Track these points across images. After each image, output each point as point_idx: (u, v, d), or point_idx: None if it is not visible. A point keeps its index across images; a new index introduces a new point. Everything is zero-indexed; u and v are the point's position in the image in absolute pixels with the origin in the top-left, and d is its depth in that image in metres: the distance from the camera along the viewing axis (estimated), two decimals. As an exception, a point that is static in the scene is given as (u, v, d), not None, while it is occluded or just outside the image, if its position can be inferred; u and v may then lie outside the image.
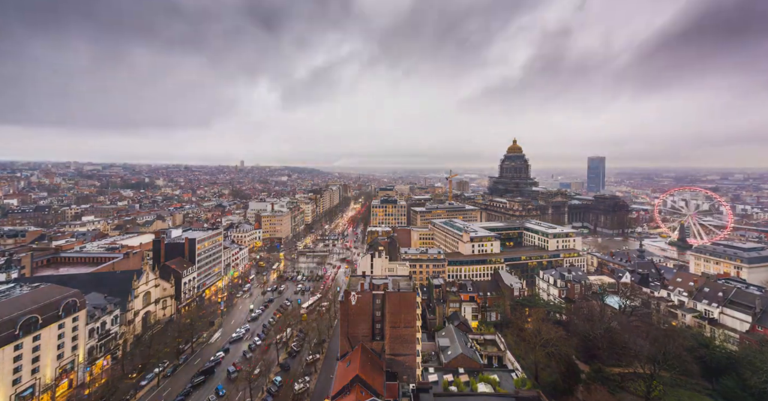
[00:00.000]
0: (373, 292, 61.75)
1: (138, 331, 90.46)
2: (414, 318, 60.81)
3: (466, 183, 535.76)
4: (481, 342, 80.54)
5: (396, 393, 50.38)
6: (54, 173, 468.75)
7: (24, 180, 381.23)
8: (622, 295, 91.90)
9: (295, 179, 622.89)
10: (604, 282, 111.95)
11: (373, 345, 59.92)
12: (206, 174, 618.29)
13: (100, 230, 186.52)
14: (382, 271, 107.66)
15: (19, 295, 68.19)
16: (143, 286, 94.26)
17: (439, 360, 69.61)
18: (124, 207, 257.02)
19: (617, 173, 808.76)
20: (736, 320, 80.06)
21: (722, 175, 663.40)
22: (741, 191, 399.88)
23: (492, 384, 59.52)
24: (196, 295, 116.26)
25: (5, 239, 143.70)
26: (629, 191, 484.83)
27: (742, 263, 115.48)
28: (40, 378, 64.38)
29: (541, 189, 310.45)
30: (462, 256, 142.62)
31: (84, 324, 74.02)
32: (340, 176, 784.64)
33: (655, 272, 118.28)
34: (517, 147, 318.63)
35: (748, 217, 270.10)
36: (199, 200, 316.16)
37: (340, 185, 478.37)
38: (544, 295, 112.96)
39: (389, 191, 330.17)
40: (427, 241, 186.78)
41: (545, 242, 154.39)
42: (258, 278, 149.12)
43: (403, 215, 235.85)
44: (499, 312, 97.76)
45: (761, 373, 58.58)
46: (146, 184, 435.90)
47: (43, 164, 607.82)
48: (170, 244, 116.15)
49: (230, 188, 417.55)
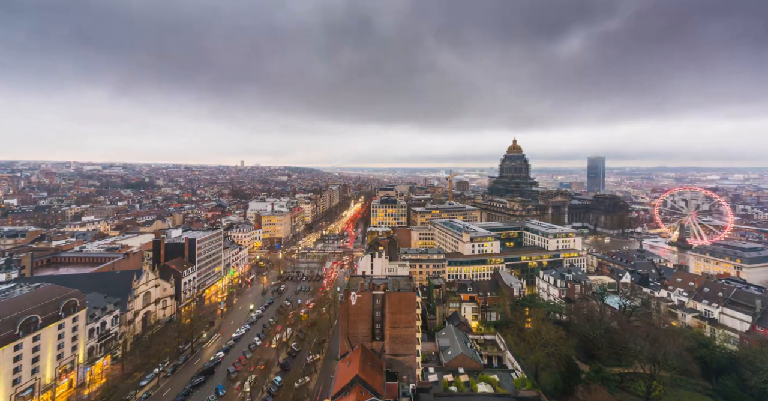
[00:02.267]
0: (373, 292, 61.76)
1: (138, 331, 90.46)
2: (414, 318, 60.80)
3: (466, 183, 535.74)
4: (481, 342, 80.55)
5: (396, 393, 50.35)
6: (54, 173, 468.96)
7: (24, 180, 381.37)
8: (622, 295, 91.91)
9: (295, 179, 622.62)
10: (604, 282, 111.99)
11: (373, 345, 59.90)
12: (206, 174, 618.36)
13: (100, 230, 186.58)
14: (382, 271, 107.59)
15: (19, 295, 68.18)
16: (143, 286, 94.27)
17: (439, 360, 69.59)
18: (124, 207, 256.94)
19: (617, 173, 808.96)
20: (736, 320, 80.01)
21: (722, 175, 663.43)
22: (741, 191, 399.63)
23: (492, 384, 59.53)
24: (196, 295, 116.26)
25: (5, 239, 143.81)
26: (629, 191, 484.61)
27: (742, 263, 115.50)
28: (40, 378, 64.37)
29: (541, 189, 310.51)
30: (462, 256, 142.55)
31: (84, 324, 74.05)
32: (340, 176, 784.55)
33: (655, 272, 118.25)
34: (517, 147, 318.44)
35: (748, 217, 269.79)
36: (199, 200, 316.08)
37: (340, 185, 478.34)
38: (544, 295, 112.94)
39: (389, 191, 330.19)
40: (427, 241, 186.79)
41: (545, 242, 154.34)
42: (258, 278, 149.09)
43: (403, 215, 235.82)
44: (499, 312, 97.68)
45: (761, 373, 58.59)
46: (146, 184, 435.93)
47: (43, 164, 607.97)
48: (170, 244, 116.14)
49: (230, 188, 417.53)
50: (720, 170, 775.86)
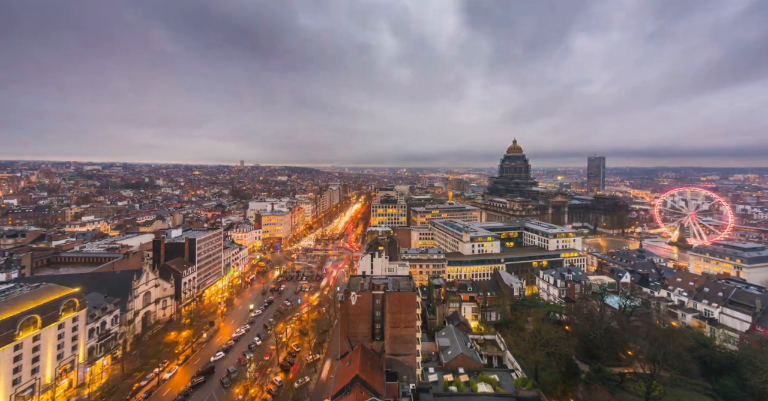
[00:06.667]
0: (373, 292, 61.74)
1: (138, 331, 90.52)
2: (414, 318, 60.78)
3: (466, 183, 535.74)
4: (481, 342, 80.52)
5: (396, 393, 50.37)
6: (54, 173, 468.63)
7: (24, 180, 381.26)
8: (622, 295, 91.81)
9: (295, 179, 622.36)
10: (604, 282, 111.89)
11: (373, 345, 59.90)
12: (206, 174, 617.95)
13: (100, 230, 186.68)
14: (382, 271, 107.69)
15: (19, 295, 68.21)
16: (143, 286, 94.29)
17: (439, 360, 69.59)
18: (124, 207, 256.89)
19: (617, 173, 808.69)
20: (736, 320, 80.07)
21: (722, 175, 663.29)
22: (741, 191, 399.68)
23: (492, 384, 59.52)
24: (196, 295, 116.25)
25: (5, 239, 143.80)
26: (629, 191, 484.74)
27: (742, 263, 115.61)
28: (39, 378, 64.38)
29: (541, 189, 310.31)
30: (462, 256, 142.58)
31: (84, 324, 74.05)
32: (340, 176, 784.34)
33: (655, 272, 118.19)
34: (517, 147, 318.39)
35: (748, 217, 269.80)
36: (199, 200, 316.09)
37: (340, 185, 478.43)
38: (544, 295, 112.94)
39: (389, 191, 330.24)
40: (427, 241, 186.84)
41: (545, 242, 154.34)
42: (258, 278, 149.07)
43: (403, 215, 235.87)
44: (499, 312, 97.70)
45: (761, 373, 58.57)
46: (146, 184, 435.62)
47: (43, 164, 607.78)
48: (170, 244, 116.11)
49: (230, 188, 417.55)
50: (720, 170, 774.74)
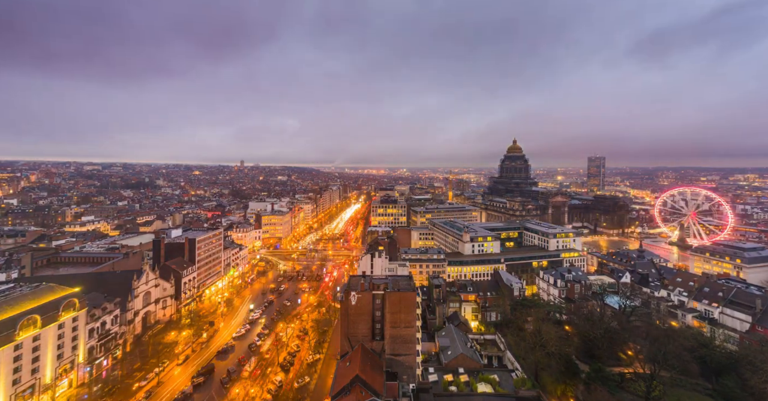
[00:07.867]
0: (373, 292, 61.76)
1: (138, 331, 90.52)
2: (414, 318, 60.81)
3: (466, 183, 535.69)
4: (481, 342, 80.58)
5: (396, 393, 50.40)
6: (54, 173, 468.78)
7: (24, 180, 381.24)
8: (622, 295, 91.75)
9: (295, 179, 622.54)
10: (604, 282, 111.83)
11: (373, 345, 59.92)
12: (206, 174, 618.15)
13: (100, 230, 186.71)
14: (382, 271, 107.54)
15: (19, 295, 68.22)
16: (143, 286, 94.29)
17: (439, 360, 69.60)
18: (124, 207, 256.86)
19: (617, 173, 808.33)
20: (736, 320, 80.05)
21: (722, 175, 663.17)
22: (741, 191, 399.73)
23: (492, 384, 59.54)
24: (196, 295, 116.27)
25: (5, 239, 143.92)
26: (629, 191, 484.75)
27: (742, 263, 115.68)
28: (39, 378, 64.38)
29: (541, 189, 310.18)
30: (462, 256, 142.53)
31: (84, 324, 74.06)
32: (340, 176, 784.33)
33: (655, 272, 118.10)
34: (517, 147, 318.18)
35: (748, 217, 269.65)
36: (199, 200, 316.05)
37: (340, 185, 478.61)
38: (544, 295, 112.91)
39: (389, 191, 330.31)
40: (427, 241, 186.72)
41: (545, 242, 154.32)
42: (258, 278, 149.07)
43: (403, 215, 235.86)
44: (499, 312, 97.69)
45: (761, 373, 58.51)
46: (146, 184, 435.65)
47: (43, 164, 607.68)
48: (170, 244, 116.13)
49: (230, 188, 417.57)
50: (720, 170, 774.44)
